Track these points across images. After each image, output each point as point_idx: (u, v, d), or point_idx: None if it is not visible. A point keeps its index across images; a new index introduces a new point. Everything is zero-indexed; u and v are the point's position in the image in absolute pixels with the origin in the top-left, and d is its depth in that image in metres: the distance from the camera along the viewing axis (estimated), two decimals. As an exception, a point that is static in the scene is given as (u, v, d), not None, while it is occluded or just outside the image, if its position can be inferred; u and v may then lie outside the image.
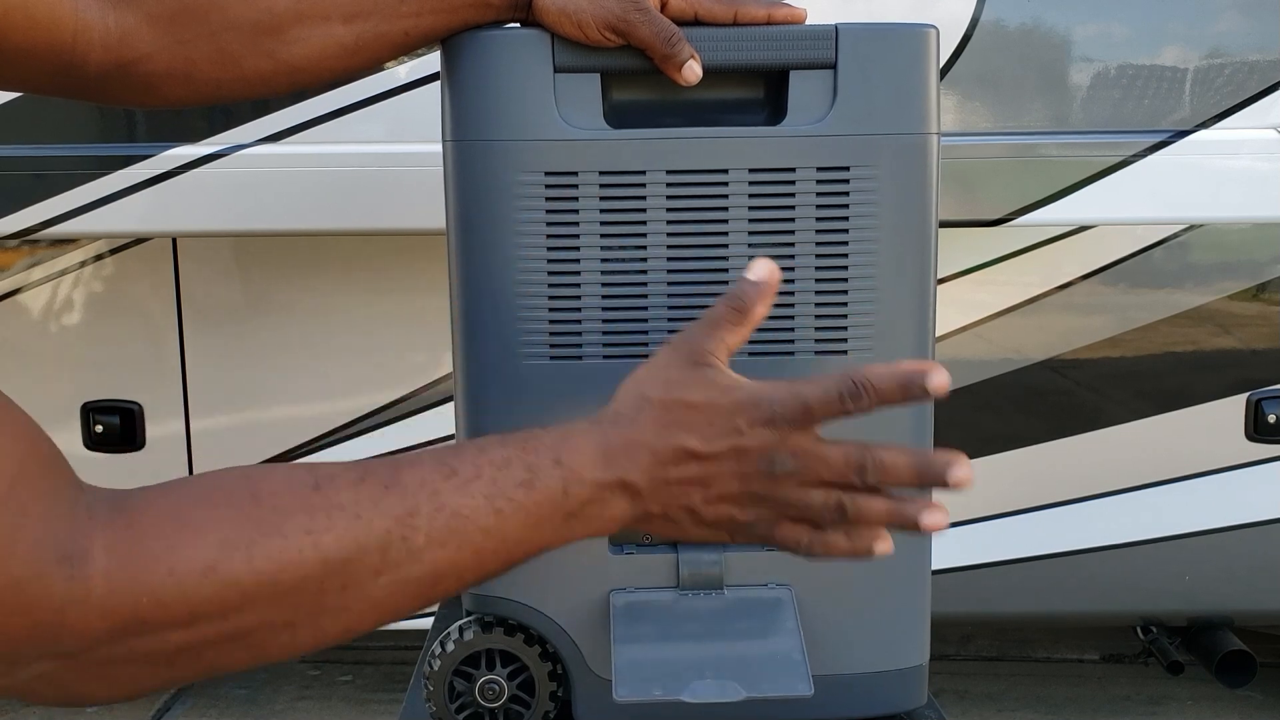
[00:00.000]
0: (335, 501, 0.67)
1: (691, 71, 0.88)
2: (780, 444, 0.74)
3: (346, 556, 0.66)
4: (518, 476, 0.71)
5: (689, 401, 0.75)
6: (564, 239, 0.90)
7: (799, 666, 0.87)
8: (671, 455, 0.74)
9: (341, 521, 0.66)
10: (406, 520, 0.68)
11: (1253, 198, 1.68)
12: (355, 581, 0.66)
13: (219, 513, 0.64)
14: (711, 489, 0.75)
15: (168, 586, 0.61)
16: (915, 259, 0.93)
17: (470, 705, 0.96)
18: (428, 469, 0.70)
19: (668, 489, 0.74)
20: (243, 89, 0.92)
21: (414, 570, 0.68)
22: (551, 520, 0.72)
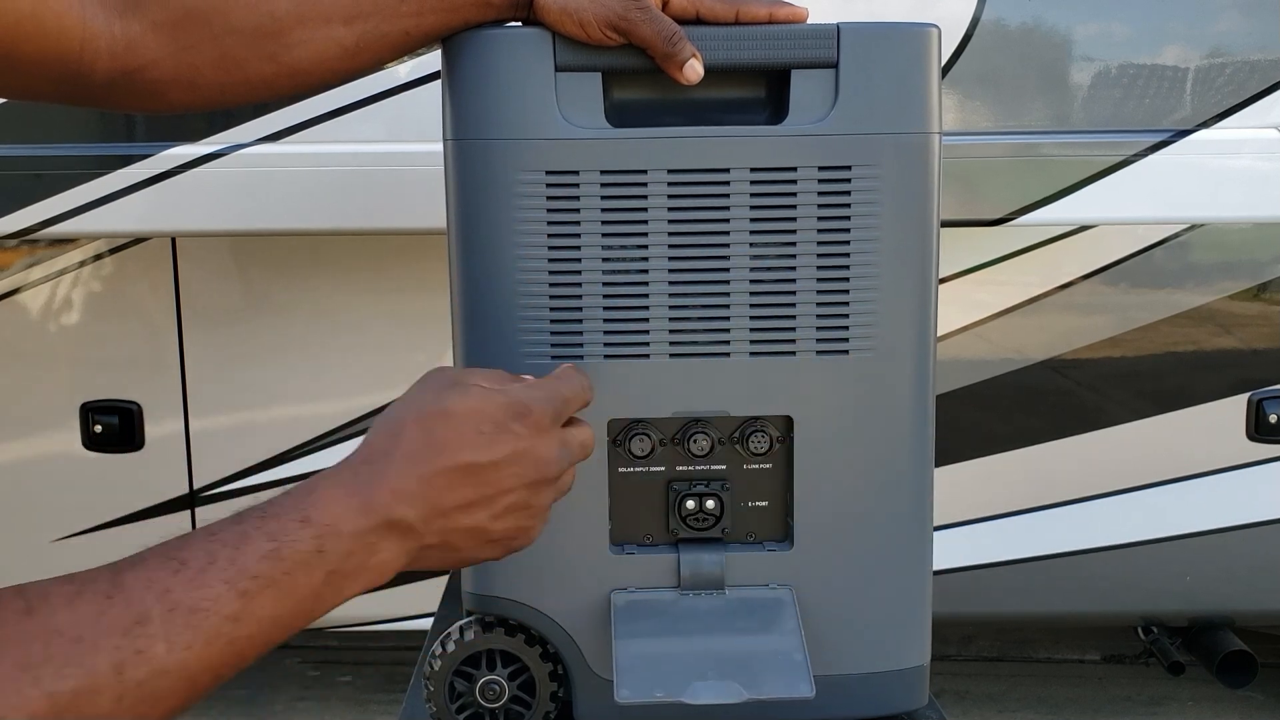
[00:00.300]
0: (53, 625, 0.58)
1: (693, 70, 0.88)
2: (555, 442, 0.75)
3: (75, 688, 0.57)
4: (260, 549, 0.64)
5: (449, 412, 0.71)
6: (565, 238, 0.90)
7: (800, 667, 0.87)
8: (444, 478, 0.69)
9: (62, 647, 0.57)
10: (136, 631, 0.59)
11: (1253, 197, 1.68)
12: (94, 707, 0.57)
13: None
14: (496, 502, 0.71)
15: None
16: (917, 258, 0.93)
17: (471, 705, 0.96)
18: (153, 567, 0.62)
19: (445, 517, 0.70)
20: (246, 93, 0.92)
21: (162, 682, 0.60)
22: (312, 585, 0.66)
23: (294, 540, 0.65)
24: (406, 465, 0.69)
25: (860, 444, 0.94)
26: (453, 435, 0.70)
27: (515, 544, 0.76)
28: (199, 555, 0.63)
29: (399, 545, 0.69)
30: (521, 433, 0.72)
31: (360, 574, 0.68)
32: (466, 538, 0.72)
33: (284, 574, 0.64)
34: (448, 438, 0.70)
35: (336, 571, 0.67)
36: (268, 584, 0.64)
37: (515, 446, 0.72)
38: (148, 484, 1.94)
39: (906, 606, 0.98)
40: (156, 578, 0.62)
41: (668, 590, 0.95)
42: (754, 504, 0.96)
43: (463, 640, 0.95)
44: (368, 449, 0.71)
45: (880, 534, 0.96)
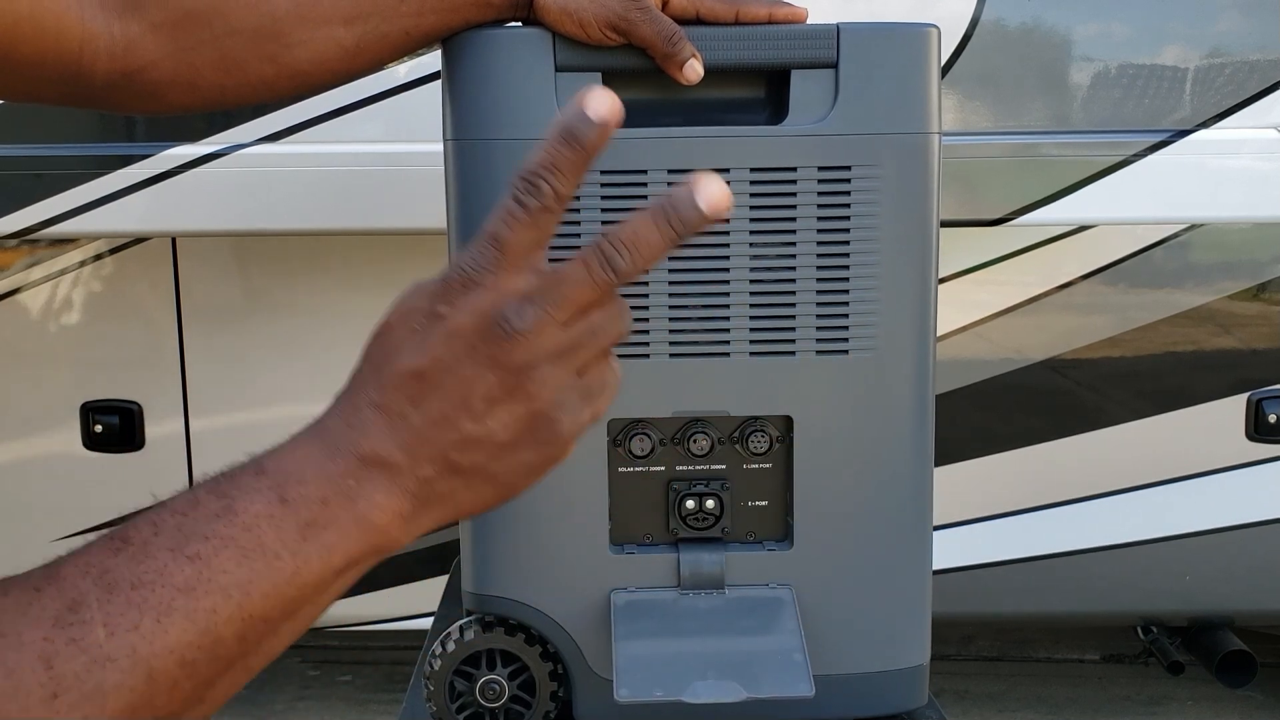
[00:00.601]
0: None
1: (693, 70, 0.88)
2: (497, 298, 0.58)
3: (7, 689, 0.50)
4: (211, 509, 0.57)
5: (385, 325, 0.61)
6: (565, 238, 0.90)
7: (800, 667, 0.87)
8: (396, 394, 0.59)
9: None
10: (69, 618, 0.52)
11: (1253, 197, 1.68)
12: (25, 715, 0.51)
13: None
14: (469, 399, 0.58)
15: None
16: (917, 258, 0.93)
17: (471, 705, 0.96)
18: (95, 550, 0.55)
19: (424, 437, 0.59)
20: (247, 94, 0.92)
21: (107, 674, 0.52)
22: (283, 542, 0.57)
23: (249, 493, 0.57)
24: (357, 396, 0.60)
25: (860, 444, 0.94)
26: (390, 346, 0.60)
27: (543, 434, 0.60)
28: (144, 529, 0.56)
29: (386, 483, 0.59)
30: (446, 310, 0.58)
31: (347, 525, 0.58)
32: (469, 453, 0.59)
33: (243, 530, 0.56)
34: (385, 349, 0.60)
35: (314, 524, 0.57)
36: (225, 544, 0.56)
37: (445, 327, 0.58)
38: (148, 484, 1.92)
39: (906, 606, 0.98)
40: (95, 560, 0.55)
41: (668, 590, 0.95)
42: (754, 504, 0.96)
43: (463, 640, 0.95)
44: (334, 398, 0.62)
45: (880, 533, 0.96)
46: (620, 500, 0.95)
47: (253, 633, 0.57)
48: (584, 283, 0.58)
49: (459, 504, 0.61)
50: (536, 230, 0.58)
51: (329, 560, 0.58)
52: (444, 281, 0.59)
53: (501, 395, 0.58)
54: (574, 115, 0.57)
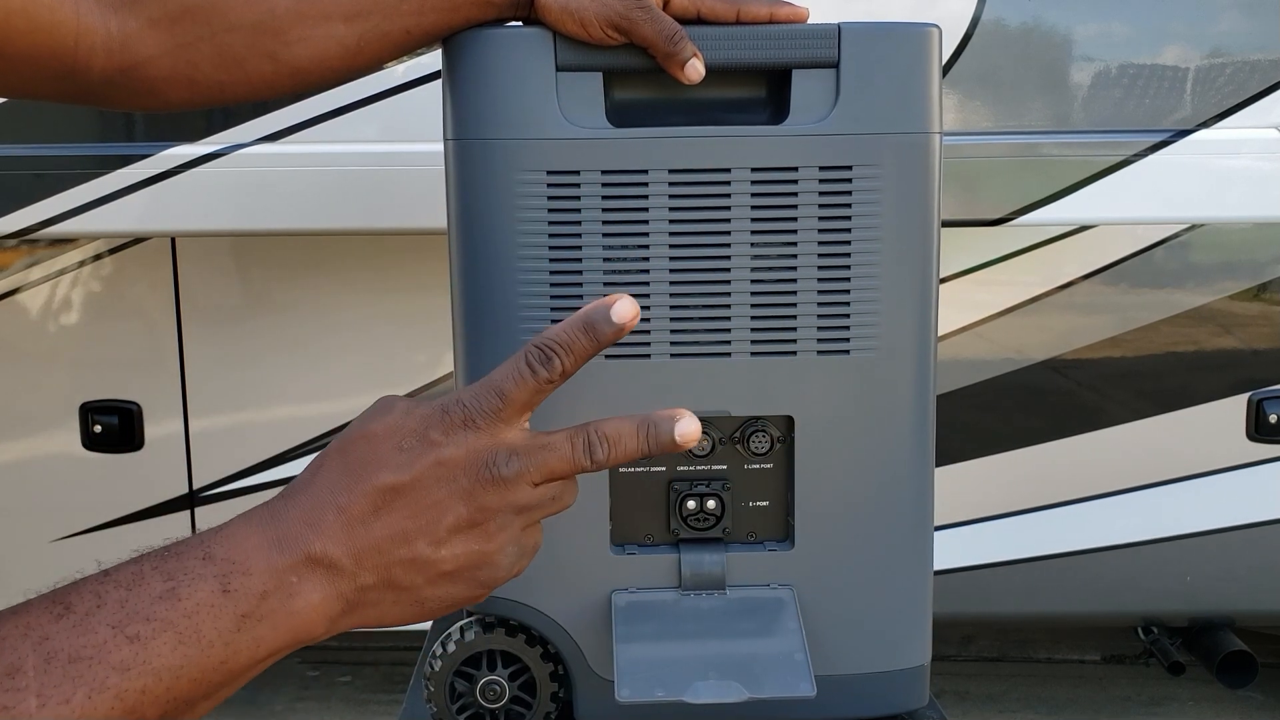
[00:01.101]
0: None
1: (694, 70, 0.88)
2: (492, 443, 0.63)
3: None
4: (155, 590, 0.57)
5: (369, 433, 0.64)
6: (565, 238, 0.90)
7: (801, 667, 0.87)
8: (365, 503, 0.61)
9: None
10: (5, 684, 0.53)
11: (1254, 197, 1.68)
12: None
13: None
14: (435, 525, 0.62)
15: None
16: (918, 258, 0.93)
17: (471, 706, 0.96)
18: (35, 612, 0.56)
19: (376, 548, 0.62)
20: (246, 91, 0.92)
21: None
22: (219, 632, 0.58)
23: (195, 579, 0.58)
24: (323, 495, 0.62)
25: (861, 444, 0.94)
26: (371, 456, 0.63)
27: (481, 575, 0.66)
28: (86, 598, 0.56)
29: (326, 586, 0.61)
30: (440, 439, 0.63)
31: (280, 620, 0.60)
32: (412, 573, 0.63)
33: (184, 616, 0.57)
34: (366, 459, 0.63)
35: (250, 616, 0.59)
36: (164, 627, 0.57)
37: (437, 455, 0.63)
38: (147, 484, 1.94)
39: (907, 606, 0.98)
40: (36, 624, 0.55)
41: (668, 590, 0.95)
42: (755, 504, 0.96)
43: (463, 640, 0.95)
44: (289, 485, 0.64)
45: (881, 533, 0.96)
46: (621, 501, 0.95)
47: (173, 711, 0.58)
48: (565, 458, 0.65)
49: (381, 616, 0.64)
50: (537, 395, 0.65)
51: (256, 652, 0.60)
52: (443, 412, 0.63)
53: (465, 528, 0.63)
54: (599, 311, 0.66)
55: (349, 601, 0.62)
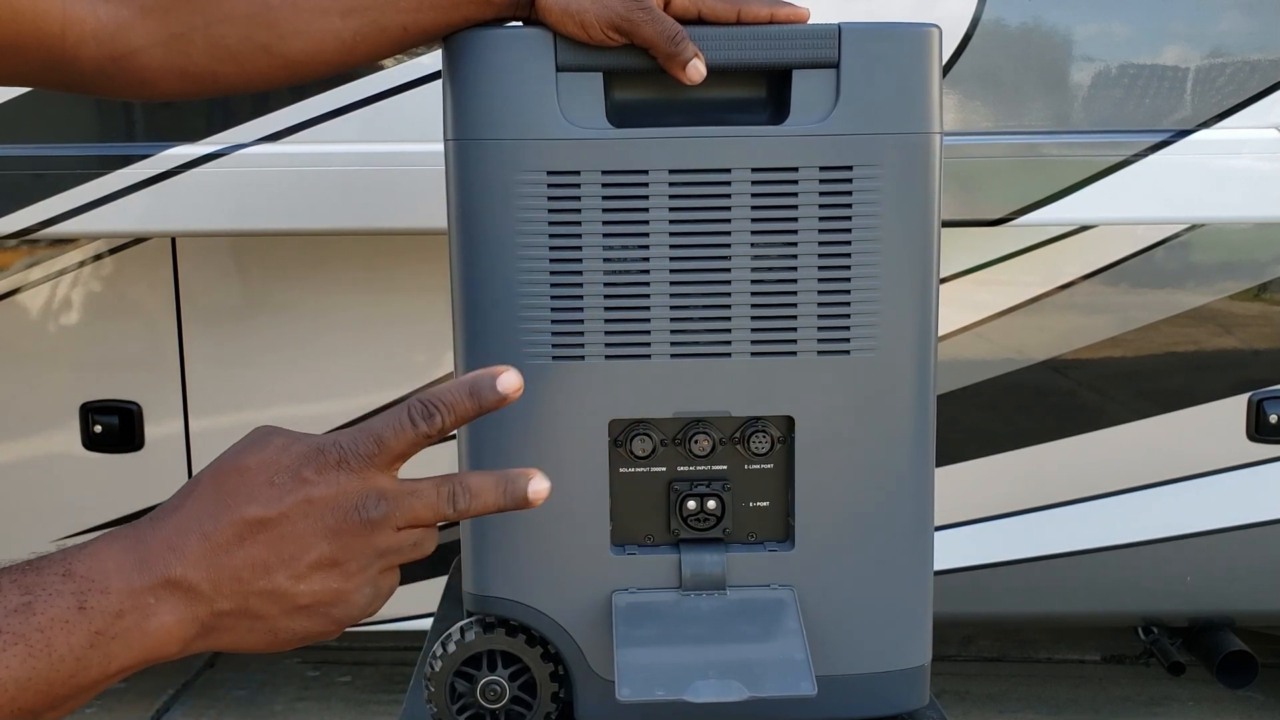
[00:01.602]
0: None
1: (695, 70, 0.88)
2: (362, 486, 0.65)
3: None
4: (10, 603, 0.58)
5: (243, 466, 0.66)
6: (566, 238, 0.90)
7: (802, 666, 0.87)
8: (230, 532, 0.63)
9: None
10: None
11: (1254, 197, 1.67)
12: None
13: None
14: (297, 559, 0.64)
15: None
16: (918, 258, 0.93)
17: (471, 706, 0.96)
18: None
19: (236, 577, 0.63)
20: (239, 83, 0.91)
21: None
22: (72, 647, 0.59)
23: (52, 594, 0.59)
24: (190, 521, 0.64)
25: (861, 444, 0.94)
26: (243, 488, 0.64)
27: (336, 612, 0.67)
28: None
29: (183, 609, 0.62)
30: (312, 478, 0.65)
31: (134, 639, 0.61)
32: (268, 603, 0.64)
33: (37, 630, 0.58)
34: (237, 490, 0.64)
35: (103, 634, 0.60)
36: (15, 640, 0.58)
37: (307, 493, 0.64)
38: (148, 484, 1.94)
39: (907, 606, 0.98)
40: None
41: (669, 591, 0.95)
42: (755, 504, 0.96)
43: (463, 641, 0.95)
44: (159, 509, 0.66)
45: (881, 534, 0.96)
46: (621, 501, 0.95)
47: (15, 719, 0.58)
48: (430, 505, 0.67)
49: (234, 641, 0.65)
50: (413, 447, 0.67)
51: (106, 668, 0.61)
52: (319, 451, 0.65)
53: (325, 566, 0.65)
54: (486, 379, 0.68)
55: (204, 625, 0.64)
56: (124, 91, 0.91)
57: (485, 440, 0.94)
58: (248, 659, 2.59)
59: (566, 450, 0.93)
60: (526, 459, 0.92)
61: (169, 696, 2.47)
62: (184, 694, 2.48)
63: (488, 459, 0.94)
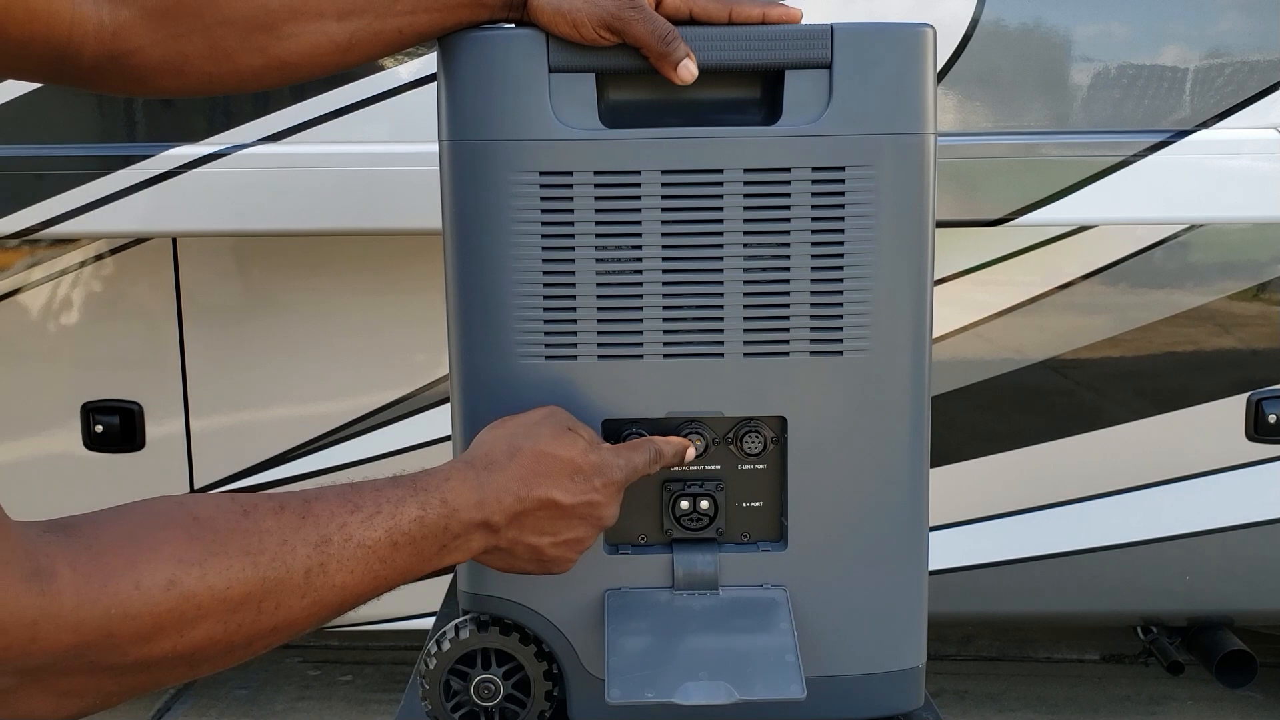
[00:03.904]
0: (263, 527, 0.71)
1: (687, 70, 0.88)
2: (616, 500, 0.89)
3: (279, 577, 0.71)
4: (412, 513, 0.79)
5: (557, 455, 0.86)
6: (559, 239, 0.90)
7: (792, 668, 0.87)
8: (536, 503, 0.84)
9: (272, 544, 0.71)
10: (323, 548, 0.73)
11: (1253, 197, 1.67)
12: (285, 602, 0.71)
13: (169, 533, 0.68)
14: (561, 536, 0.86)
15: (134, 599, 0.64)
16: (912, 259, 0.93)
17: (466, 704, 0.96)
18: (335, 503, 0.76)
19: (521, 530, 0.85)
20: (235, 83, 0.92)
21: (328, 595, 0.74)
22: (430, 551, 0.80)
23: (434, 514, 0.80)
24: (514, 483, 0.84)
25: (855, 444, 0.94)
26: (553, 473, 0.85)
27: (553, 568, 0.88)
28: (369, 503, 0.77)
29: (483, 540, 0.84)
30: (599, 488, 0.87)
31: (456, 553, 0.82)
32: (526, 551, 0.86)
33: (422, 536, 0.79)
34: (549, 473, 0.85)
35: (447, 547, 0.81)
36: (410, 541, 0.78)
37: (591, 498, 0.86)
38: (148, 484, 1.94)
39: (902, 607, 0.98)
40: (337, 512, 0.75)
41: (662, 590, 0.95)
42: (748, 504, 0.96)
43: (458, 639, 0.95)
44: (488, 456, 0.85)
45: (875, 535, 0.96)
46: (615, 500, 0.95)
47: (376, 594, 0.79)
48: None
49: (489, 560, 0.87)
50: None
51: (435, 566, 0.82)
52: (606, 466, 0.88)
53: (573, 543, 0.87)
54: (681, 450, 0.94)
55: (486, 551, 0.85)
56: (120, 88, 0.92)
57: (479, 440, 0.94)
58: (249, 658, 2.59)
59: (560, 450, 0.93)
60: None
61: (170, 695, 2.47)
62: (185, 693, 2.48)
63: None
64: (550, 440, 0.86)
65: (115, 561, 0.65)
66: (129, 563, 0.65)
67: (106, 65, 0.88)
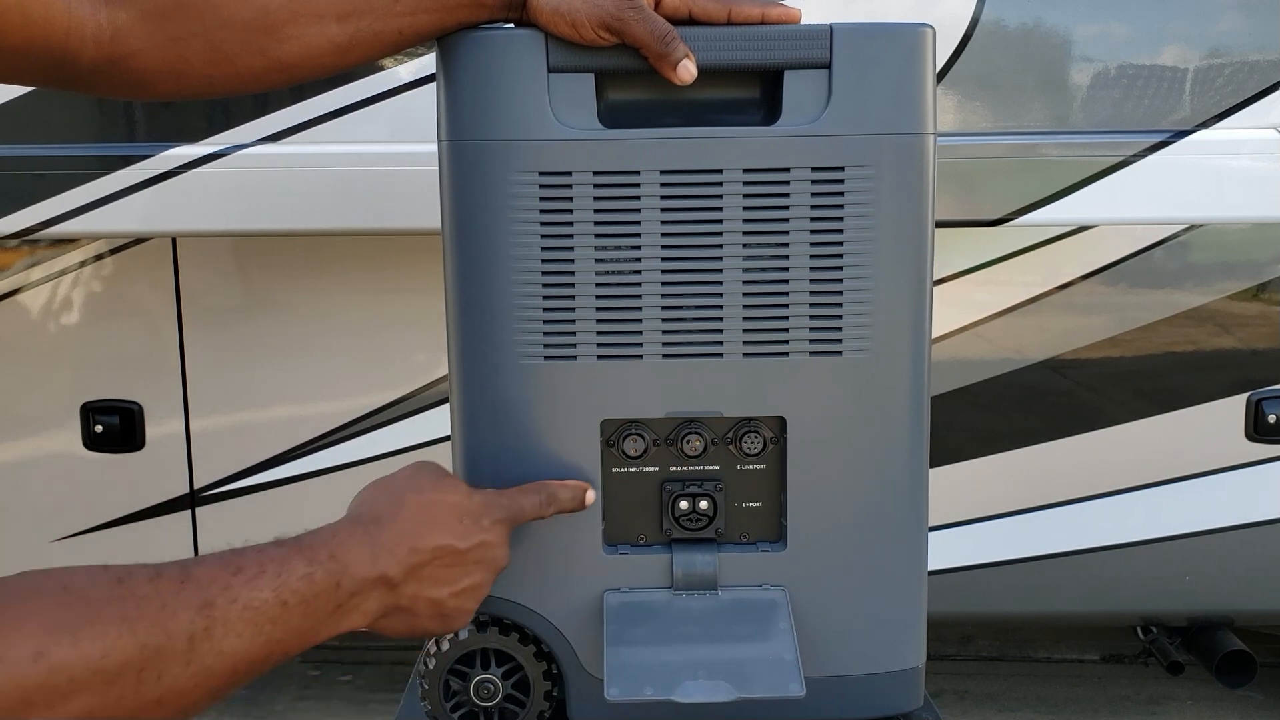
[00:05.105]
0: (140, 593, 0.68)
1: (686, 71, 0.88)
2: (505, 538, 0.88)
3: (159, 645, 0.67)
4: (299, 570, 0.76)
5: (443, 500, 0.85)
6: (558, 239, 0.90)
7: (791, 667, 0.87)
8: (430, 552, 0.83)
9: (151, 610, 0.68)
10: (206, 611, 0.70)
11: (1253, 197, 1.67)
12: (169, 671, 0.68)
13: (36, 603, 0.64)
14: (459, 584, 0.85)
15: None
16: (911, 259, 0.93)
17: (465, 705, 0.96)
18: (215, 566, 0.73)
19: (420, 585, 0.83)
20: (235, 85, 0.92)
21: (216, 662, 0.70)
22: (325, 611, 0.77)
23: (324, 570, 0.77)
24: (406, 535, 0.82)
25: (854, 444, 0.94)
26: (442, 519, 0.84)
27: (453, 623, 0.87)
28: (252, 564, 0.74)
29: (381, 599, 0.81)
30: (487, 528, 0.86)
31: (353, 615, 0.80)
32: (427, 607, 0.84)
33: (313, 595, 0.76)
34: (438, 519, 0.84)
35: (342, 607, 0.78)
36: (301, 600, 0.75)
37: (483, 539, 0.86)
38: (148, 484, 1.94)
39: (901, 608, 0.98)
40: (218, 576, 0.72)
41: (661, 590, 0.95)
42: (747, 504, 0.96)
43: (457, 639, 0.95)
44: (374, 511, 0.84)
45: (874, 535, 0.96)
46: (614, 501, 0.96)
47: (279, 660, 0.75)
48: None
49: (386, 626, 0.84)
50: None
51: (330, 632, 0.78)
52: (490, 505, 0.87)
53: (472, 590, 0.86)
54: (580, 494, 0.93)
55: (384, 614, 0.82)
56: (119, 91, 0.92)
57: (479, 441, 0.94)
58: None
59: (559, 450, 0.93)
60: (519, 459, 0.92)
61: (170, 695, 2.47)
62: (185, 693, 2.48)
63: (482, 459, 0.94)
64: (432, 488, 0.86)
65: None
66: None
67: (106, 69, 0.88)
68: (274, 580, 0.74)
